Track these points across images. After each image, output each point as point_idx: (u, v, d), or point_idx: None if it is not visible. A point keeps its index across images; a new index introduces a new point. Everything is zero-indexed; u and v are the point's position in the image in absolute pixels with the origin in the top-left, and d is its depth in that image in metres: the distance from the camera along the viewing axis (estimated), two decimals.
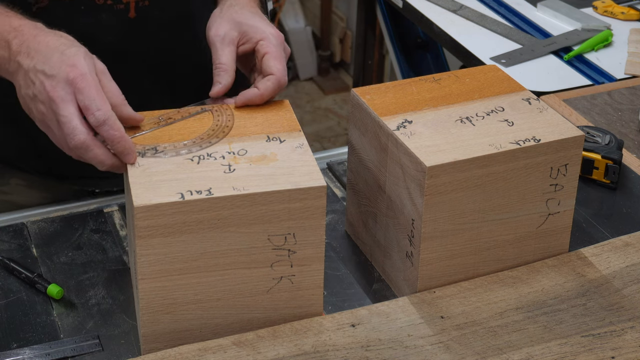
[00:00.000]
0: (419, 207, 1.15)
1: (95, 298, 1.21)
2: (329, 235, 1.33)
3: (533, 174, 1.19)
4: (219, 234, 1.07)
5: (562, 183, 1.22)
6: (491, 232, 1.21)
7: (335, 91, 4.21)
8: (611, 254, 1.27)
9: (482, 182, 1.16)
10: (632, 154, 1.53)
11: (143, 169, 1.09)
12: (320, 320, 1.15)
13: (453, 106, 1.24)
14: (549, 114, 1.23)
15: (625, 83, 1.79)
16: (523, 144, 1.17)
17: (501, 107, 1.24)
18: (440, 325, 1.15)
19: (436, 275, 1.20)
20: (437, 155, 1.14)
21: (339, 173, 1.48)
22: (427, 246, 1.17)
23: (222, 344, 1.11)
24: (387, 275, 1.26)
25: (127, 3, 1.34)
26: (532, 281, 1.22)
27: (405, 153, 1.16)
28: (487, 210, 1.19)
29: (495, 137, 1.18)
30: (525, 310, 1.17)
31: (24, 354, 1.12)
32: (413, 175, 1.15)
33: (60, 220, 1.35)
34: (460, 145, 1.16)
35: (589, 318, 1.16)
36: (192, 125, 1.17)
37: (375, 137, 1.22)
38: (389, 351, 1.11)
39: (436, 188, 1.14)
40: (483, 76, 1.31)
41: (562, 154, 1.20)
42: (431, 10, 2.17)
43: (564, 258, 1.26)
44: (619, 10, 2.11)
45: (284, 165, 1.11)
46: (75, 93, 1.10)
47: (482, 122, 1.21)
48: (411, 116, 1.21)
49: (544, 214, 1.23)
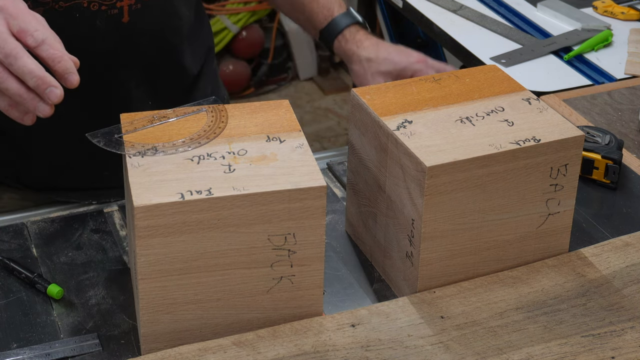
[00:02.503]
0: (419, 207, 1.15)
1: (95, 298, 1.21)
2: (329, 235, 1.33)
3: (533, 174, 1.19)
4: (219, 234, 1.07)
5: (562, 183, 1.22)
6: (491, 232, 1.21)
7: (335, 91, 4.21)
8: (611, 254, 1.27)
9: (482, 182, 1.16)
10: (632, 154, 1.53)
11: (143, 169, 1.09)
12: (320, 320, 1.15)
13: (453, 106, 1.24)
14: (549, 114, 1.23)
15: (625, 83, 1.79)
16: (523, 144, 1.17)
17: (501, 107, 1.24)
18: (440, 326, 1.15)
19: (436, 275, 1.20)
20: (437, 155, 1.14)
21: (339, 173, 1.48)
22: (427, 246, 1.17)
23: (222, 344, 1.11)
24: (387, 275, 1.26)
25: (120, 7, 1.33)
26: (532, 281, 1.22)
27: (405, 153, 1.16)
28: (487, 211, 1.19)
29: (495, 137, 1.18)
30: (525, 311, 1.17)
31: (24, 354, 1.12)
32: (413, 175, 1.15)
33: (60, 220, 1.35)
34: (460, 145, 1.16)
35: (589, 318, 1.16)
36: (192, 125, 1.17)
37: (375, 137, 1.22)
38: (388, 351, 1.11)
39: (436, 188, 1.14)
40: (483, 76, 1.31)
41: (562, 154, 1.20)
42: (431, 10, 2.17)
43: (564, 258, 1.26)
44: (619, 10, 2.11)
45: (284, 165, 1.11)
46: (8, 19, 1.06)
47: (482, 122, 1.21)
48: (411, 116, 1.21)
49: (544, 214, 1.23)
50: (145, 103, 1.42)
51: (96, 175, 1.44)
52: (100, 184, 1.43)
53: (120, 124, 1.16)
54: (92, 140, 1.13)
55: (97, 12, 1.32)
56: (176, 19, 1.44)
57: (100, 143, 1.13)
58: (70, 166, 1.45)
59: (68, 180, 1.45)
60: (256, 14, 3.94)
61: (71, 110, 1.38)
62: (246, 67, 3.95)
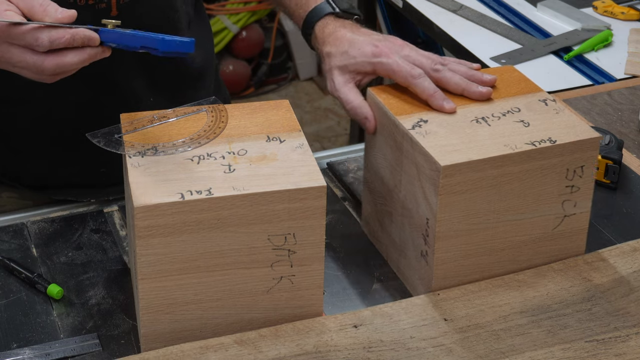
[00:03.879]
0: (433, 207, 1.15)
1: (95, 298, 1.21)
2: (329, 235, 1.33)
3: (548, 175, 1.19)
4: (219, 234, 1.07)
5: (578, 185, 1.21)
6: (506, 233, 1.20)
7: None
8: (619, 259, 1.26)
9: (497, 182, 1.16)
10: (632, 154, 1.53)
11: (143, 169, 1.09)
12: (322, 320, 1.15)
13: (469, 106, 1.24)
14: (565, 115, 1.23)
15: (625, 83, 1.79)
16: (538, 145, 1.17)
17: (517, 108, 1.24)
18: (444, 328, 1.14)
19: (450, 274, 1.20)
20: (452, 155, 1.14)
21: (339, 173, 1.48)
22: (442, 245, 1.17)
23: (224, 342, 1.11)
24: (402, 274, 1.26)
25: (108, 2, 1.33)
26: (538, 285, 1.21)
27: (420, 152, 1.16)
28: (502, 211, 1.18)
29: (511, 137, 1.18)
30: (530, 314, 1.16)
31: (24, 354, 1.12)
32: (428, 175, 1.15)
33: (60, 220, 1.35)
34: (475, 145, 1.16)
35: (593, 323, 1.15)
36: (192, 125, 1.17)
37: (391, 136, 1.22)
38: (390, 353, 1.11)
39: (451, 187, 1.14)
40: (500, 77, 1.30)
41: (578, 156, 1.19)
42: (431, 10, 2.17)
43: (570, 262, 1.25)
44: (619, 10, 2.11)
45: (284, 165, 1.11)
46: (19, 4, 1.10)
47: (498, 122, 1.21)
48: (427, 115, 1.21)
49: (560, 216, 1.23)
50: (147, 100, 1.42)
51: (94, 172, 1.43)
52: (99, 182, 1.43)
53: (120, 124, 1.16)
54: (92, 140, 1.13)
55: (85, 7, 1.31)
56: (171, 12, 1.42)
57: (100, 143, 1.13)
58: (66, 163, 1.44)
59: (65, 177, 1.45)
60: (256, 14, 3.94)
61: (65, 106, 1.38)
62: (246, 67, 3.95)
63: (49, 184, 1.45)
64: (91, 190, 1.42)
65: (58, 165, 1.44)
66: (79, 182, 1.44)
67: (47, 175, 1.45)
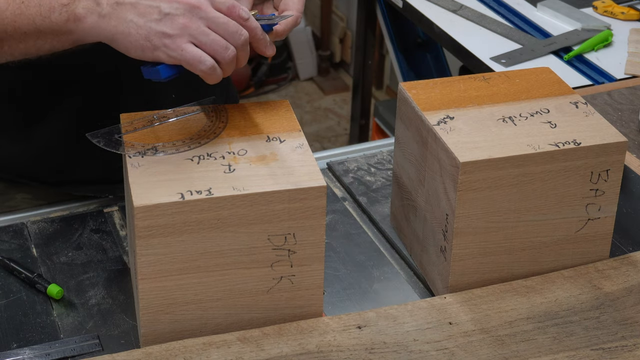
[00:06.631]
0: (452, 202, 1.15)
1: (95, 298, 1.21)
2: (329, 235, 1.33)
3: (572, 177, 1.18)
4: (219, 234, 1.07)
5: (602, 188, 1.21)
6: (527, 233, 1.20)
7: (335, 91, 4.21)
8: (630, 267, 1.25)
9: (518, 181, 1.16)
10: (632, 154, 1.53)
11: (143, 169, 1.09)
12: (326, 320, 1.15)
13: (498, 105, 1.24)
14: (594, 119, 1.23)
15: (625, 83, 1.79)
16: (562, 147, 1.16)
17: (546, 109, 1.24)
18: (448, 332, 1.14)
19: (468, 272, 1.19)
20: (473, 152, 1.14)
21: (339, 173, 1.48)
22: (460, 242, 1.17)
23: (227, 339, 1.11)
24: (423, 268, 1.26)
25: None
26: (546, 291, 1.20)
27: (443, 148, 1.16)
28: (523, 211, 1.18)
29: (535, 137, 1.18)
30: (536, 321, 1.16)
31: (24, 354, 1.12)
32: (448, 170, 1.15)
33: (60, 220, 1.35)
34: (498, 143, 1.16)
35: (600, 332, 1.15)
36: (192, 125, 1.17)
37: (417, 132, 1.22)
38: (392, 355, 1.10)
39: (470, 184, 1.14)
40: (534, 78, 1.30)
41: (604, 159, 1.19)
42: (431, 10, 2.17)
43: (581, 270, 1.24)
44: (619, 10, 2.11)
45: (284, 165, 1.11)
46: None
47: (525, 122, 1.21)
48: (454, 112, 1.22)
49: (584, 219, 1.22)
50: (169, 96, 1.41)
51: (112, 167, 1.43)
52: (116, 177, 1.43)
53: (120, 124, 1.16)
54: (92, 140, 1.13)
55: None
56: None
57: (100, 143, 1.13)
58: (86, 156, 1.44)
59: (84, 173, 1.44)
60: None
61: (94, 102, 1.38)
62: (246, 67, 3.95)
63: (66, 179, 1.45)
64: (109, 187, 1.42)
65: (78, 158, 1.44)
66: (98, 177, 1.44)
67: (65, 170, 1.45)
